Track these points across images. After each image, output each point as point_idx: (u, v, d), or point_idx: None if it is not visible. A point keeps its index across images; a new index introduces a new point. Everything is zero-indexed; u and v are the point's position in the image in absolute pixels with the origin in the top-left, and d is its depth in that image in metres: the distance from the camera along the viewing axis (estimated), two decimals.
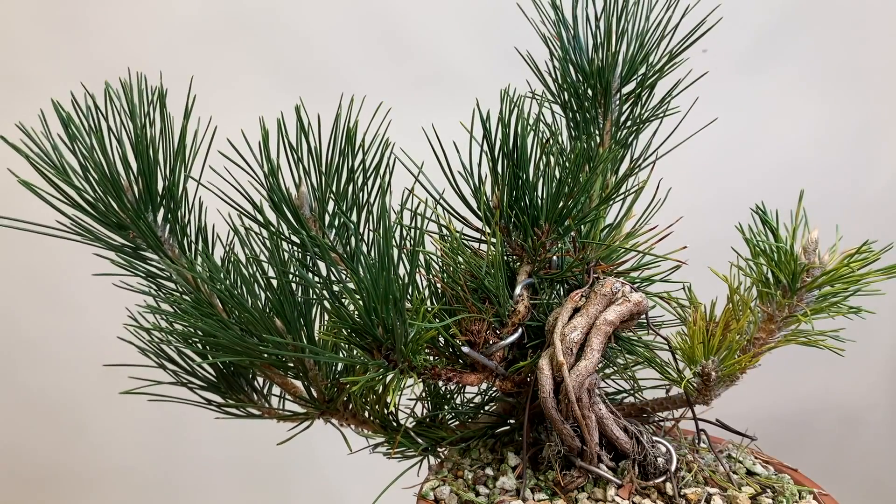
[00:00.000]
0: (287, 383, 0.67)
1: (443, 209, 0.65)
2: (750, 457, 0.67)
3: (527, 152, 0.61)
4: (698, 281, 0.66)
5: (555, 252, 0.64)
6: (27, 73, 1.22)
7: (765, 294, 0.61)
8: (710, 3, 0.69)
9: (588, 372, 0.57)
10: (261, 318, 0.56)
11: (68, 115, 0.56)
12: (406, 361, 0.56)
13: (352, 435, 0.71)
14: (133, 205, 0.58)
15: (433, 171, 0.63)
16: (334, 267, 0.58)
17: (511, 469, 0.64)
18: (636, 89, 0.71)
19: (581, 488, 0.60)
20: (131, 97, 0.57)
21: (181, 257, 0.62)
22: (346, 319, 0.54)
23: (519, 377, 0.64)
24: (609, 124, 0.71)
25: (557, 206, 0.61)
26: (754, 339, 0.62)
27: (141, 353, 0.65)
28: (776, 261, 0.59)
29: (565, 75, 0.72)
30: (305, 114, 0.60)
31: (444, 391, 0.74)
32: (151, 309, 0.58)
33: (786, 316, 0.60)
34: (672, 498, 0.57)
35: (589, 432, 0.58)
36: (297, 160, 0.61)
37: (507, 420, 0.72)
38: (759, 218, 0.61)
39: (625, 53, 0.70)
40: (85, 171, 0.57)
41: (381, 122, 0.62)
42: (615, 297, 0.61)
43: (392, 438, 0.70)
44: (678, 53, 0.70)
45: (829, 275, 0.58)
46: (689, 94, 0.70)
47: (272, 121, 0.60)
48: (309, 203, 0.62)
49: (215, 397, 0.67)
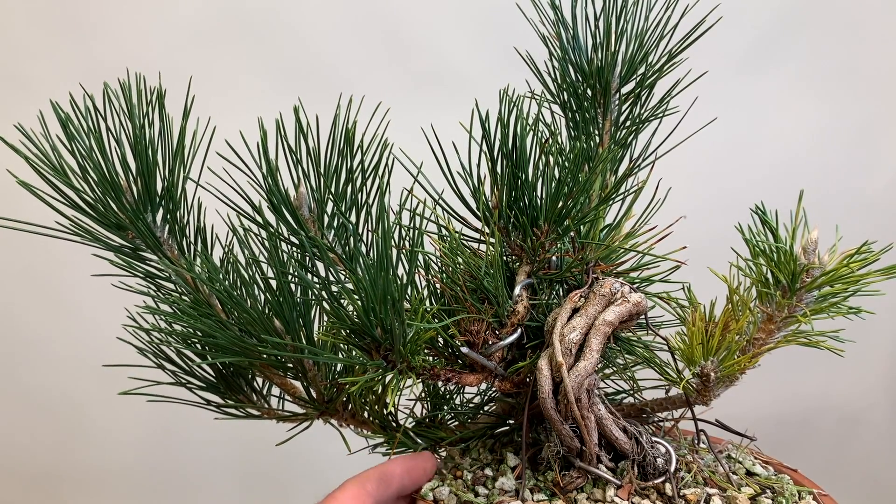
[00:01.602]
0: (286, 384, 0.67)
1: (442, 209, 0.65)
2: (749, 457, 0.66)
3: (526, 152, 0.61)
4: (698, 281, 0.66)
5: (554, 252, 0.64)
6: (27, 74, 1.22)
7: (764, 294, 0.61)
8: (710, 2, 0.69)
9: (587, 372, 0.57)
10: (260, 318, 0.56)
11: (67, 115, 0.56)
12: (405, 362, 0.56)
13: (351, 435, 0.71)
14: (132, 205, 0.58)
15: (432, 171, 0.63)
16: (333, 267, 0.58)
17: (510, 469, 0.63)
18: (635, 89, 0.71)
19: (580, 489, 0.59)
20: (130, 97, 0.57)
21: (180, 258, 0.62)
22: (344, 320, 0.54)
23: (518, 378, 0.64)
24: (608, 124, 0.71)
25: (557, 207, 0.60)
26: (754, 340, 0.61)
27: (140, 353, 0.65)
28: (775, 261, 0.59)
29: (564, 75, 0.72)
30: (304, 114, 0.60)
31: (443, 391, 0.74)
32: (150, 309, 0.57)
33: (785, 316, 0.60)
34: (671, 498, 0.57)
35: (588, 433, 0.58)
36: (296, 161, 0.61)
37: (506, 420, 0.72)
38: (758, 218, 0.61)
39: (624, 53, 0.70)
40: (84, 172, 0.57)
41: (381, 122, 0.62)
42: (614, 297, 0.61)
43: (391, 439, 0.70)
44: (677, 53, 0.70)
45: (828, 275, 0.58)
46: (688, 94, 0.70)
47: (271, 121, 0.60)
48: (308, 204, 0.62)
49: (214, 398, 0.67)
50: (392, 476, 0.60)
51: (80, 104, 0.56)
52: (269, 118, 0.60)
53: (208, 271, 0.57)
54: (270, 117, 0.60)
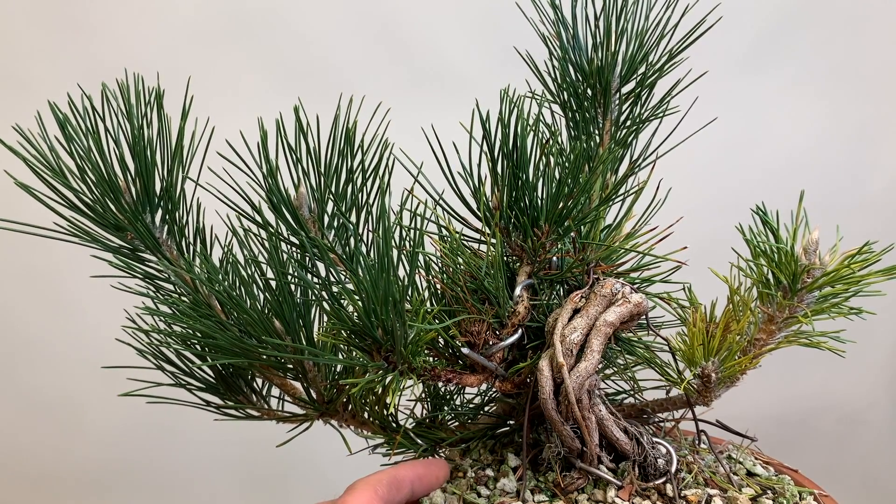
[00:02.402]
0: (286, 384, 0.67)
1: (442, 210, 0.65)
2: (750, 458, 0.66)
3: (526, 153, 0.61)
4: (699, 281, 0.66)
5: (555, 253, 0.64)
6: (27, 74, 1.22)
7: (765, 295, 0.61)
8: (709, 2, 0.69)
9: (588, 373, 0.57)
10: (260, 319, 0.56)
11: (65, 116, 0.55)
12: (406, 363, 0.56)
13: (351, 436, 0.71)
14: (131, 206, 0.58)
15: (433, 171, 0.63)
16: (333, 268, 0.58)
17: (512, 470, 0.63)
18: (636, 89, 0.71)
19: (581, 489, 0.59)
20: (128, 98, 0.57)
21: (179, 258, 0.62)
22: (345, 321, 0.54)
23: (519, 378, 0.64)
24: (609, 124, 0.71)
25: (557, 207, 0.60)
26: (755, 340, 0.61)
27: (139, 354, 0.65)
28: (776, 261, 0.59)
29: (564, 75, 0.71)
30: (304, 114, 0.60)
31: (443, 392, 0.73)
32: (149, 311, 0.57)
33: (786, 317, 0.60)
34: (672, 499, 0.57)
35: (589, 433, 0.58)
36: (296, 161, 0.61)
37: (506, 421, 0.71)
38: (759, 218, 0.60)
39: (624, 53, 0.70)
40: (82, 173, 0.56)
41: (381, 122, 0.62)
42: (615, 297, 0.61)
43: (392, 439, 0.70)
44: (678, 53, 0.70)
45: (829, 276, 0.58)
46: (688, 94, 0.70)
47: (271, 121, 0.60)
48: (308, 204, 0.62)
49: (214, 399, 0.67)
50: (403, 481, 0.58)
51: (78, 105, 0.56)
52: (269, 118, 0.60)
53: (208, 272, 0.57)
54: (270, 117, 0.60)
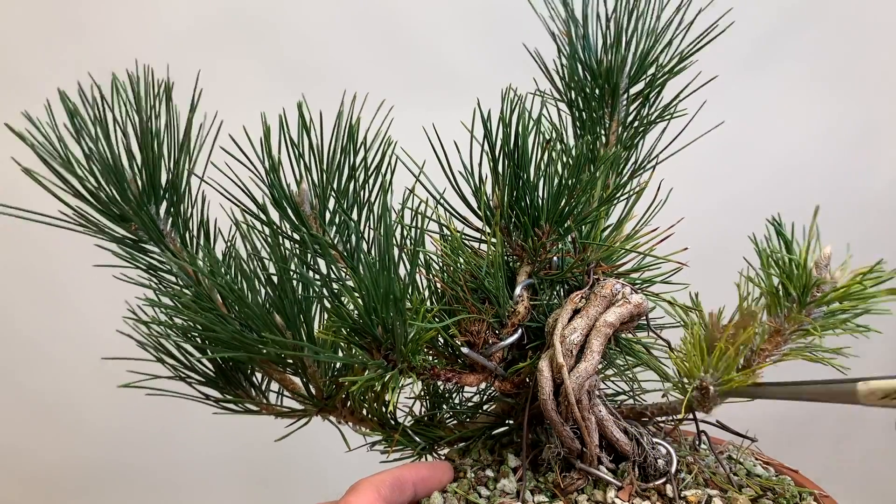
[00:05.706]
0: (285, 379, 0.67)
1: (443, 209, 0.65)
2: (750, 458, 0.66)
3: (528, 152, 0.61)
4: (699, 282, 0.66)
5: (555, 253, 0.64)
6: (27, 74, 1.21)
7: (774, 306, 0.60)
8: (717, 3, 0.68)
9: (588, 374, 0.57)
10: (260, 313, 0.56)
11: (74, 105, 0.56)
12: (405, 361, 0.56)
13: (350, 432, 0.71)
14: (136, 196, 0.58)
15: (434, 170, 0.63)
16: (334, 265, 0.58)
17: (512, 471, 0.63)
18: (644, 90, 0.70)
19: (581, 490, 0.59)
20: (137, 89, 0.57)
21: (182, 251, 0.62)
22: (345, 318, 0.54)
23: (518, 378, 0.64)
24: (615, 124, 0.71)
25: (558, 207, 0.60)
26: (760, 351, 0.61)
27: (140, 346, 0.65)
28: (787, 273, 0.58)
29: (573, 73, 0.71)
30: (307, 110, 0.60)
31: (442, 390, 0.73)
32: (151, 302, 0.57)
33: (794, 329, 0.60)
34: (672, 500, 0.57)
35: (589, 434, 0.58)
36: (299, 157, 0.61)
37: (505, 420, 0.71)
38: (774, 229, 0.60)
39: (634, 53, 0.69)
40: (89, 161, 0.57)
41: (384, 120, 0.62)
42: (615, 298, 0.61)
43: (390, 437, 0.70)
44: (689, 55, 0.69)
45: (839, 291, 0.57)
46: (695, 96, 0.69)
47: (274, 117, 0.59)
48: (310, 200, 0.62)
49: (213, 392, 0.67)
50: (407, 483, 0.58)
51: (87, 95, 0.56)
52: (272, 114, 0.60)
53: (210, 265, 0.57)
54: (273, 114, 0.60)
